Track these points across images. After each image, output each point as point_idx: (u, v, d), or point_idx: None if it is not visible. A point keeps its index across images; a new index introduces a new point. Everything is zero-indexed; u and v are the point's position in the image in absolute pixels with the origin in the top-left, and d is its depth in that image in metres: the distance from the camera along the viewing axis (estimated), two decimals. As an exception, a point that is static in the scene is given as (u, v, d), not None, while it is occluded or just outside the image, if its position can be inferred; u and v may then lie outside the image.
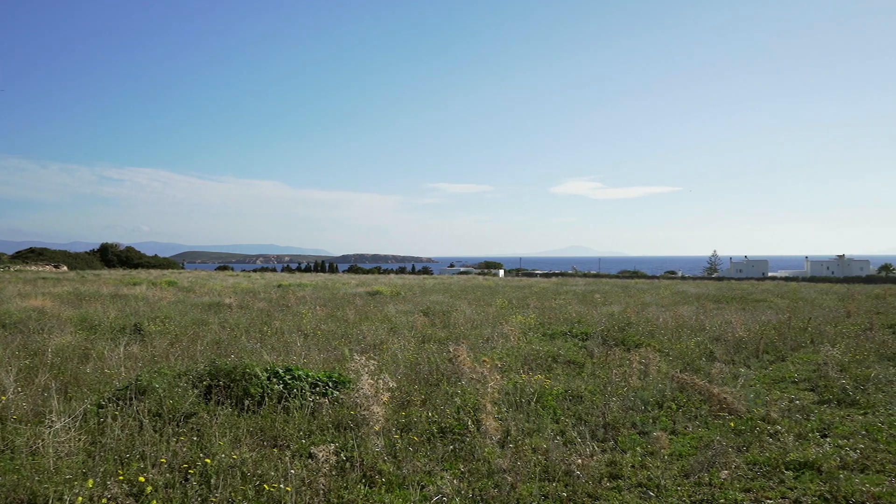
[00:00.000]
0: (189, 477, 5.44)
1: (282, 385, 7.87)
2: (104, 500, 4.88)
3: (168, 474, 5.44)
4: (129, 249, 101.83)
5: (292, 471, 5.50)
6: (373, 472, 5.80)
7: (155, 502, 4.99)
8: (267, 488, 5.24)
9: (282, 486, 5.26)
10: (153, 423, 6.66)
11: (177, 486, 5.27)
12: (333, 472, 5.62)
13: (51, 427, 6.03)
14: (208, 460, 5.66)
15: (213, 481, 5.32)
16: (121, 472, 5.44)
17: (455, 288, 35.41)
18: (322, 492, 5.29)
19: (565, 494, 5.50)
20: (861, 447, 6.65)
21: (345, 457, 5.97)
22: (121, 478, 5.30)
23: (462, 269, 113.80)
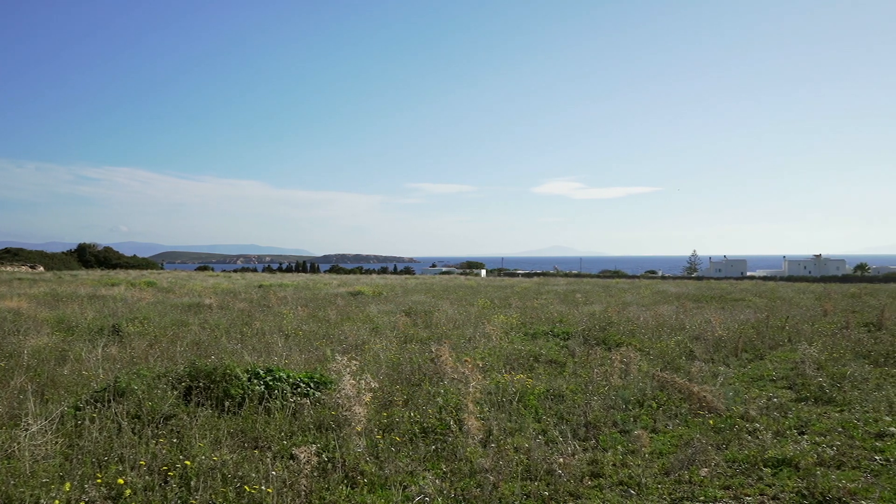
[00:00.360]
0: (169, 479, 5.38)
1: (263, 386, 7.82)
2: (82, 504, 4.82)
3: (147, 477, 5.38)
4: (108, 250, 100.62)
5: (273, 472, 5.46)
6: (355, 472, 5.78)
7: (134, 505, 4.93)
8: (248, 490, 5.20)
9: (263, 487, 5.22)
10: (132, 426, 6.58)
11: (156, 488, 5.22)
12: (315, 473, 5.59)
13: (27, 430, 5.94)
14: (188, 462, 5.60)
15: (193, 483, 5.27)
16: (99, 475, 5.37)
17: (437, 288, 35.41)
18: (304, 493, 5.26)
19: (547, 493, 5.52)
20: (837, 444, 6.76)
21: (326, 458, 5.94)
22: (99, 481, 5.23)
23: (444, 269, 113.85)
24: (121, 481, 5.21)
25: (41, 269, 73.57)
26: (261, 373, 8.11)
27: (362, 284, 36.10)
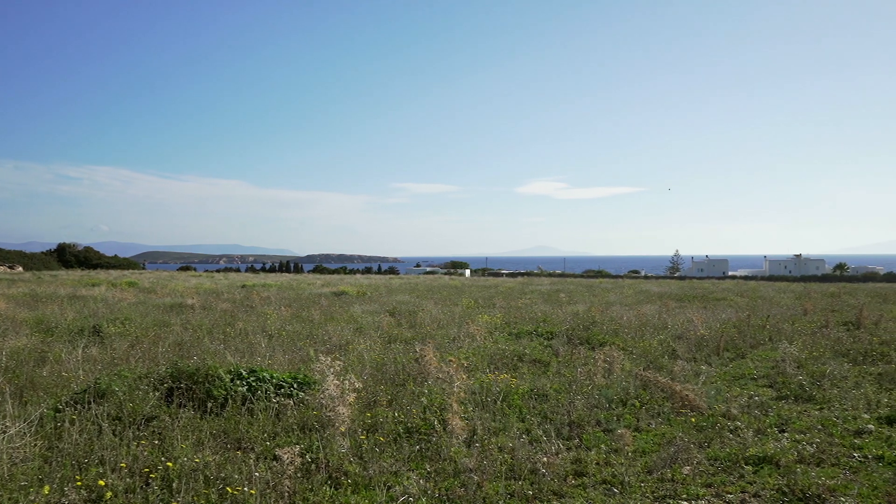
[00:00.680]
0: (150, 481, 5.33)
1: (246, 387, 7.77)
2: (61, 507, 4.76)
3: (128, 479, 5.33)
4: (88, 249, 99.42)
5: (256, 473, 5.44)
6: (339, 473, 5.76)
7: (115, 508, 4.88)
8: (230, 491, 5.16)
9: (246, 488, 5.19)
10: (113, 427, 6.52)
11: (137, 490, 5.17)
12: (299, 474, 5.57)
13: (5, 433, 5.85)
14: (170, 464, 5.56)
15: (174, 485, 5.23)
16: (79, 477, 5.31)
17: (421, 288, 35.39)
18: (287, 494, 5.23)
19: (531, 492, 5.53)
20: (817, 441, 6.85)
21: (310, 458, 5.91)
22: (79, 483, 5.17)
23: (428, 269, 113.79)
24: (101, 483, 5.15)
25: (20, 269, 72.57)
26: (244, 373, 8.05)
27: (346, 284, 35.99)
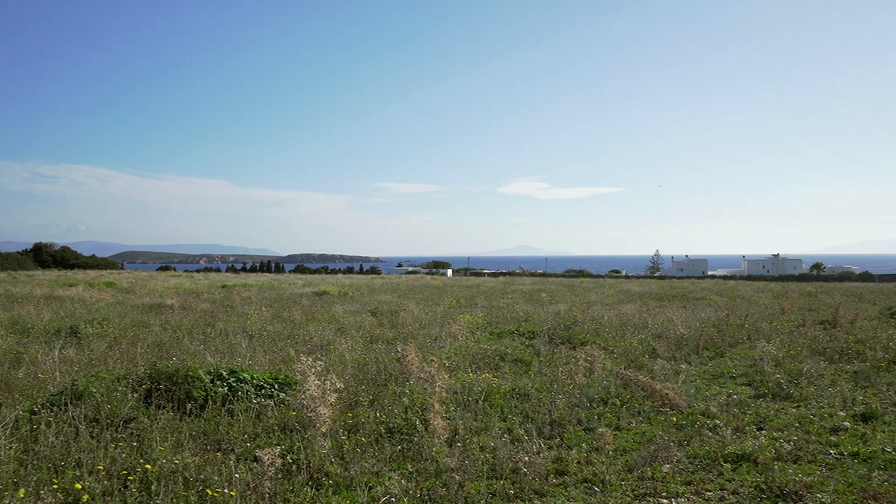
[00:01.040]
0: (128, 484, 5.27)
1: (226, 387, 7.71)
2: (37, 510, 4.69)
3: (106, 481, 5.27)
4: (65, 249, 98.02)
5: (237, 475, 5.39)
6: (320, 474, 5.74)
7: (92, 511, 4.82)
8: (210, 493, 5.12)
9: (226, 490, 5.15)
10: (90, 429, 6.43)
11: (115, 493, 5.11)
12: (279, 476, 5.54)
13: (-21, 435, 5.77)
14: (149, 466, 5.50)
15: (153, 487, 5.17)
16: (55, 480, 5.24)
17: (403, 287, 35.35)
18: (268, 495, 5.20)
19: (512, 492, 5.55)
20: (794, 439, 6.93)
21: (291, 459, 5.88)
22: (55, 486, 5.10)
23: (410, 269, 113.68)
24: (78, 486, 5.09)
25: (-5, 269, 71.41)
26: (224, 374, 7.99)
27: (328, 284, 35.84)
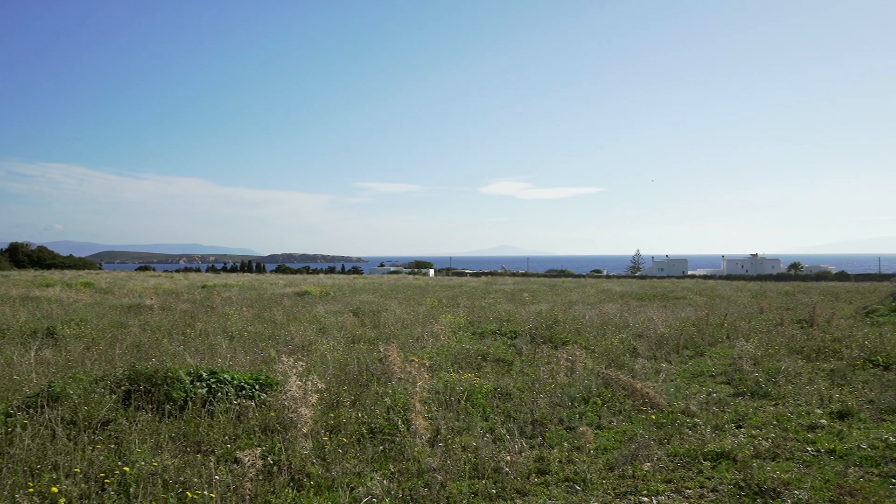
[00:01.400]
0: (106, 486, 5.21)
1: (206, 388, 7.64)
2: (12, 514, 4.62)
3: (83, 484, 5.19)
4: (42, 249, 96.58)
5: (217, 477, 5.35)
6: (301, 475, 5.70)
7: (69, 514, 4.75)
8: (190, 495, 5.07)
9: (206, 492, 5.10)
10: (67, 432, 6.34)
11: (93, 496, 5.04)
12: (260, 477, 5.50)
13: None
14: (127, 468, 5.43)
15: (132, 490, 5.11)
16: (31, 483, 5.16)
17: (385, 287, 35.27)
18: (248, 497, 5.16)
19: (494, 491, 5.56)
20: (772, 436, 7.02)
21: (272, 460, 5.84)
22: (31, 490, 5.02)
23: (392, 269, 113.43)
24: (55, 490, 5.01)
25: (-31, 269, 70.19)
26: (204, 375, 7.92)
27: (309, 284, 35.67)
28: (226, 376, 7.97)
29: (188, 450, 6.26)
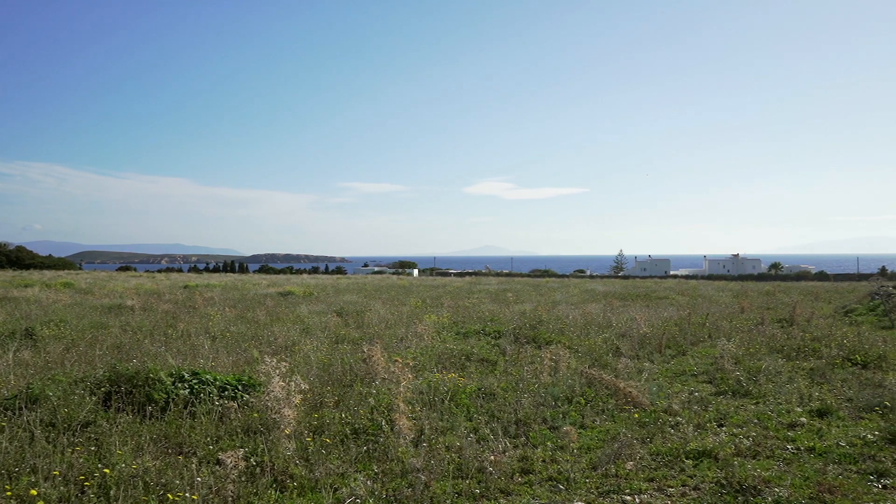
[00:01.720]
0: (86, 489, 5.15)
1: (188, 390, 7.58)
2: (-10, 518, 4.56)
3: (62, 487, 5.13)
4: (20, 249, 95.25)
5: (199, 478, 5.30)
6: (284, 476, 5.67)
7: (48, 517, 4.69)
8: (171, 498, 5.03)
9: (187, 494, 5.06)
10: (46, 434, 6.26)
11: (72, 499, 4.98)
12: (243, 479, 5.46)
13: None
14: (107, 471, 5.37)
15: (112, 493, 5.06)
16: (8, 487, 5.09)
17: (369, 288, 35.20)
18: (231, 499, 5.13)
19: (478, 491, 5.56)
20: (753, 435, 7.09)
21: (255, 462, 5.80)
22: (9, 493, 4.95)
23: (376, 269, 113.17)
24: (34, 493, 4.94)
25: (-54, 269, 69.06)
26: (186, 376, 7.85)
27: (293, 284, 35.50)
28: (208, 377, 7.91)
29: (170, 451, 6.20)
